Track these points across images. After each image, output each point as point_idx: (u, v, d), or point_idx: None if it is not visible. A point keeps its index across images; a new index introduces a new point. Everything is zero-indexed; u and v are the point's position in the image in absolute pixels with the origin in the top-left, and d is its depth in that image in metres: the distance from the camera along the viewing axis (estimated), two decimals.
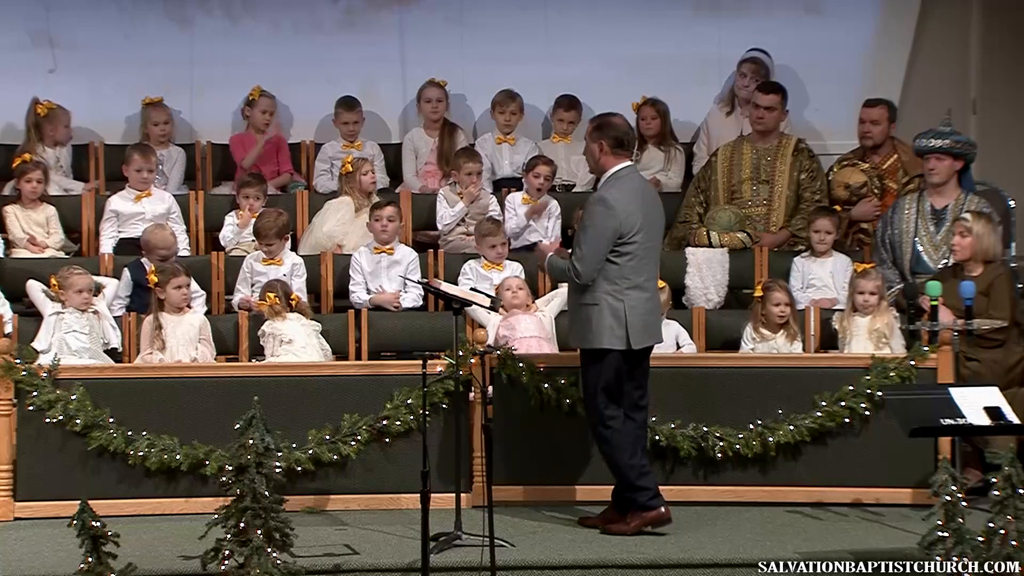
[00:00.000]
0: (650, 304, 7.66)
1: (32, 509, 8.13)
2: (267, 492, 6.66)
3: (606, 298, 7.54)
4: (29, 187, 10.02)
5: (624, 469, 7.64)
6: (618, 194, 7.58)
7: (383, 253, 9.74)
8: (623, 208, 7.52)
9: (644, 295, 7.60)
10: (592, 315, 7.57)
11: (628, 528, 7.63)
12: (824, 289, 9.65)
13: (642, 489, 7.62)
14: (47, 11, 11.13)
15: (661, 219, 7.83)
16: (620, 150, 7.69)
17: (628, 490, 7.66)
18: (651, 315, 7.69)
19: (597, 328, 7.55)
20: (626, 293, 7.54)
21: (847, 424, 8.30)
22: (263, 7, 11.30)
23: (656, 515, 7.62)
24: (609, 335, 7.54)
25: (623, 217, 7.50)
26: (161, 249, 9.47)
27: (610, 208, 7.50)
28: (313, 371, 8.46)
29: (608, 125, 7.71)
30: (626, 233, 7.51)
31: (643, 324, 7.59)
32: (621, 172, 7.67)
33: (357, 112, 10.84)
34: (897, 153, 10.29)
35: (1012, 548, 6.45)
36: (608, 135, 7.67)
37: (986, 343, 8.66)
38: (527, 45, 11.24)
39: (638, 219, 7.54)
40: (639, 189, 7.69)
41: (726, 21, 11.31)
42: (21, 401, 8.16)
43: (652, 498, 7.63)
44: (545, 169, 10.23)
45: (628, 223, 7.51)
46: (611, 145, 7.66)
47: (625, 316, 7.52)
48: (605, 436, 7.65)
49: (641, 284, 7.58)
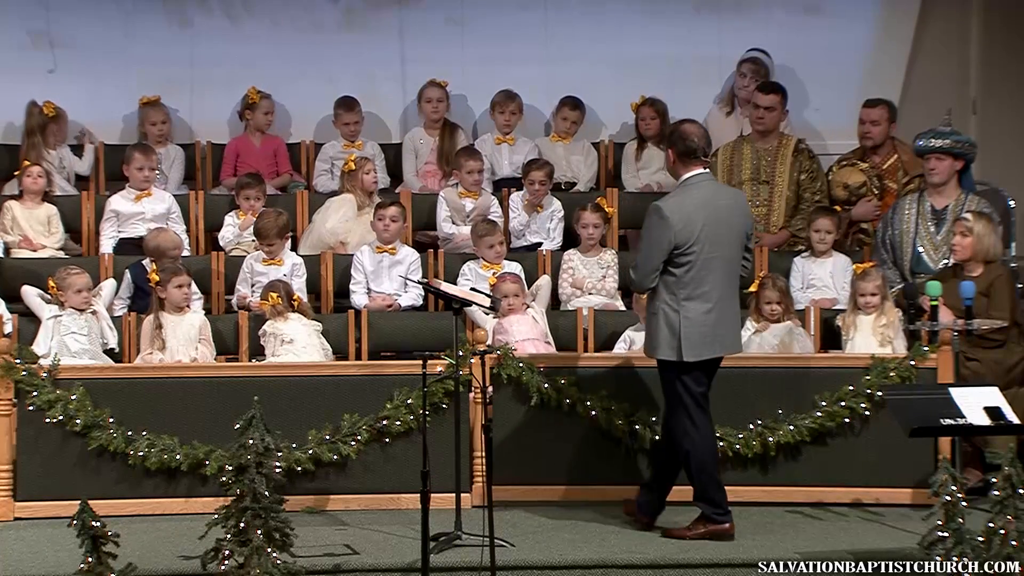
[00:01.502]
0: (713, 315, 7.50)
1: (32, 509, 8.13)
2: (267, 492, 6.66)
3: (664, 308, 7.51)
4: (30, 181, 10.01)
5: (698, 481, 7.62)
6: (676, 204, 7.51)
7: (385, 253, 9.75)
8: (679, 219, 7.43)
9: (704, 306, 7.48)
10: (651, 325, 7.58)
11: (690, 534, 7.60)
12: (824, 289, 9.65)
13: (715, 506, 7.60)
14: (47, 11, 11.12)
15: (732, 227, 7.59)
16: (689, 158, 7.60)
17: (700, 500, 7.65)
18: (716, 327, 7.52)
19: (657, 337, 7.55)
20: (682, 304, 7.48)
21: (847, 424, 8.30)
22: (263, 7, 11.29)
23: (720, 529, 7.58)
24: (665, 346, 7.52)
25: (678, 228, 7.42)
26: (172, 251, 9.46)
27: (663, 218, 7.44)
28: (313, 371, 8.46)
29: (679, 133, 7.64)
30: (681, 244, 7.43)
31: (700, 336, 7.48)
32: (690, 180, 7.62)
33: (357, 112, 10.84)
34: (897, 153, 10.29)
35: (1012, 548, 6.45)
36: (677, 143, 7.61)
37: (986, 343, 8.66)
38: (527, 45, 11.24)
39: (696, 230, 7.44)
40: (705, 198, 7.56)
41: (726, 21, 11.31)
42: (21, 401, 8.16)
43: (722, 515, 7.59)
44: (538, 174, 10.21)
45: (683, 234, 7.43)
46: (679, 153, 7.61)
47: (679, 328, 7.47)
48: (684, 447, 7.60)
49: (702, 295, 7.48)
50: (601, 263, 9.86)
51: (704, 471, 7.60)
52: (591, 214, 9.86)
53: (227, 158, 10.82)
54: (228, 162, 10.80)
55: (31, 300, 9.19)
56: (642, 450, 8.34)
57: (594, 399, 8.36)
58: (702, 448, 7.58)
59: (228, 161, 10.80)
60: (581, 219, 9.90)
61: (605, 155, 11.08)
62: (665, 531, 7.71)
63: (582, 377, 8.40)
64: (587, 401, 8.35)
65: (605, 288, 9.81)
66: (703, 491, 7.63)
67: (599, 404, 8.35)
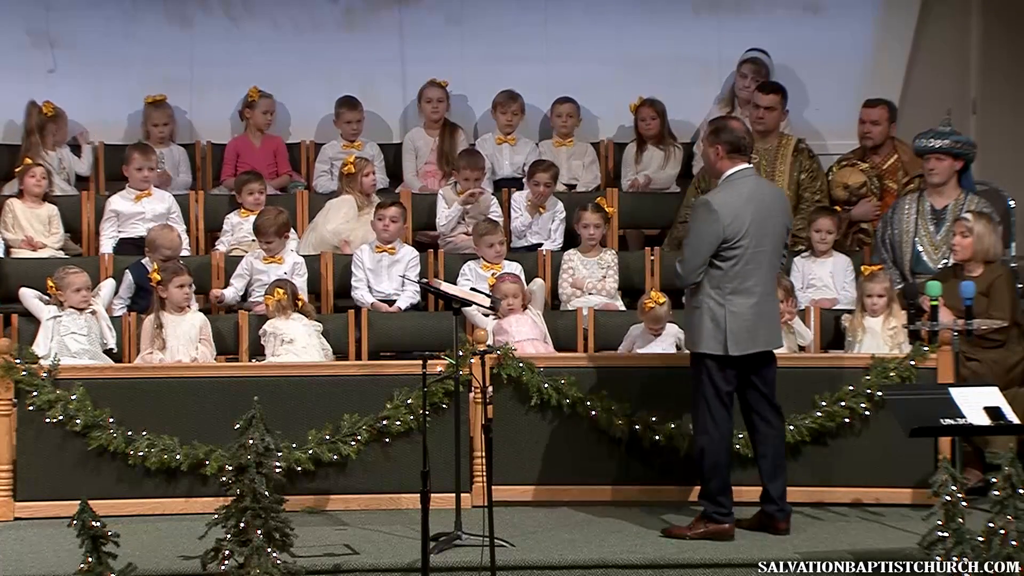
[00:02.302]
0: (758, 309, 7.56)
1: (32, 509, 8.13)
2: (267, 492, 6.66)
3: (708, 302, 7.52)
4: (32, 181, 10.00)
5: (707, 479, 7.63)
6: (725, 198, 7.54)
7: (384, 252, 9.75)
8: (727, 213, 7.47)
9: (750, 300, 7.53)
10: (694, 319, 7.59)
11: (691, 533, 7.61)
12: (824, 289, 9.65)
13: (718, 506, 7.61)
14: (47, 11, 11.12)
15: (778, 222, 7.68)
16: (736, 154, 7.65)
17: (704, 498, 7.66)
18: (760, 320, 7.58)
19: (698, 332, 7.55)
20: (728, 298, 7.51)
21: (847, 424, 8.30)
22: (263, 7, 11.29)
23: (720, 529, 7.60)
24: (708, 339, 7.52)
25: (727, 222, 7.46)
26: (166, 249, 9.47)
27: (712, 212, 7.47)
28: (313, 371, 8.46)
29: (725, 129, 7.69)
30: (730, 238, 7.47)
31: (745, 330, 7.52)
32: (735, 176, 7.64)
33: (359, 112, 10.84)
34: (897, 153, 10.29)
35: (1012, 548, 6.45)
36: (724, 139, 7.64)
37: (986, 343, 8.66)
38: (527, 45, 11.24)
39: (744, 224, 7.48)
40: (751, 193, 7.62)
41: (726, 21, 11.31)
42: (21, 401, 8.17)
43: (724, 515, 7.62)
44: (544, 176, 10.22)
45: (732, 228, 7.47)
46: (727, 149, 7.64)
47: (725, 321, 7.49)
48: (700, 443, 7.62)
49: (747, 289, 7.53)
50: (601, 263, 9.87)
51: (716, 471, 7.60)
52: (591, 214, 9.87)
53: (227, 158, 10.82)
54: (228, 162, 10.80)
55: (29, 302, 9.18)
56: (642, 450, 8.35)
57: (594, 399, 8.36)
58: (719, 447, 7.59)
59: (228, 161, 10.80)
60: (581, 219, 9.90)
61: (605, 155, 11.08)
62: (665, 530, 7.72)
63: (582, 377, 8.40)
64: (587, 401, 8.35)
65: (605, 288, 9.81)
66: (709, 490, 7.63)
67: (599, 404, 8.35)
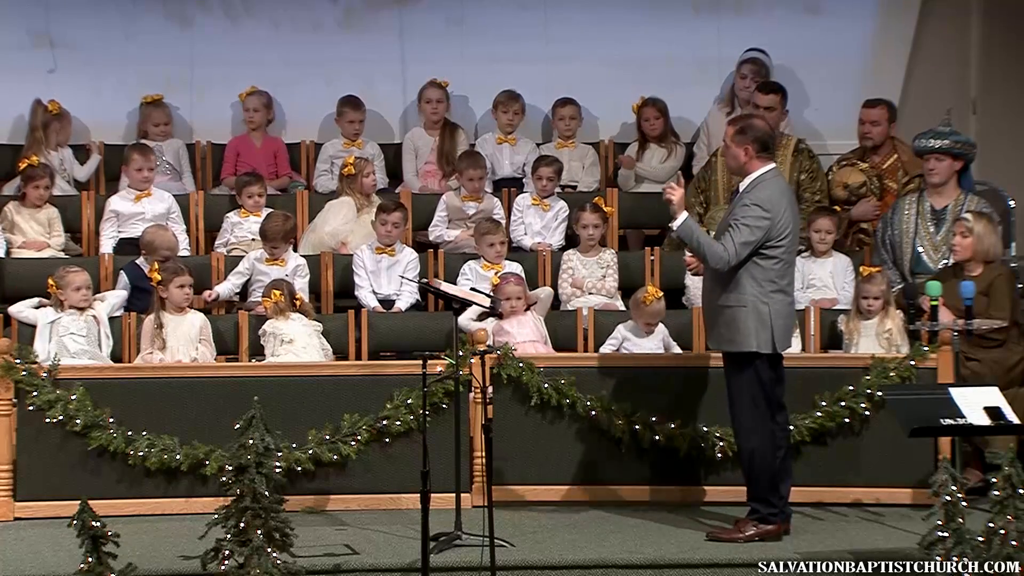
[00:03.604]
0: (790, 308, 7.70)
1: (32, 509, 8.13)
2: (267, 492, 6.66)
3: (752, 300, 7.53)
4: (36, 193, 10.00)
5: (758, 480, 7.61)
6: (774, 197, 7.58)
7: (384, 254, 9.75)
8: (777, 212, 7.53)
9: (787, 299, 7.64)
10: (738, 317, 7.55)
11: (742, 536, 7.58)
12: (824, 289, 9.65)
13: (770, 506, 7.60)
14: (47, 11, 11.11)
15: (799, 223, 7.83)
16: (765, 153, 7.68)
17: (755, 500, 7.64)
18: (790, 319, 7.74)
19: (744, 330, 7.53)
20: (771, 296, 7.54)
21: (847, 424, 8.30)
22: (263, 7, 11.29)
23: (774, 530, 7.59)
24: (756, 338, 7.52)
25: (776, 221, 7.52)
26: (163, 249, 9.47)
27: (767, 211, 7.50)
28: (313, 371, 8.46)
29: (753, 128, 7.69)
30: (774, 237, 7.52)
31: (784, 328, 7.62)
32: (766, 175, 7.66)
33: (362, 112, 10.84)
34: (897, 153, 10.29)
35: (1012, 548, 6.45)
36: (753, 138, 7.65)
37: (986, 343, 8.66)
38: (527, 45, 11.23)
39: (788, 224, 7.57)
40: (786, 193, 7.71)
41: (726, 21, 11.31)
42: (21, 401, 8.17)
43: (776, 515, 7.61)
44: (547, 171, 10.24)
45: (779, 227, 7.53)
46: (757, 149, 7.65)
47: (771, 319, 7.52)
48: (750, 445, 7.60)
49: (784, 288, 7.62)
50: (601, 263, 9.87)
51: (767, 471, 7.59)
52: (590, 214, 9.87)
53: (227, 157, 10.82)
54: (228, 162, 10.79)
55: (23, 315, 9.09)
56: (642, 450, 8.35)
57: (594, 399, 8.36)
58: (769, 446, 7.59)
59: (228, 161, 10.80)
60: (581, 219, 9.90)
61: (605, 155, 11.08)
62: (711, 534, 7.65)
63: (582, 377, 8.40)
64: (587, 401, 8.36)
65: (605, 288, 9.81)
66: (760, 490, 7.61)
67: (599, 404, 8.35)
